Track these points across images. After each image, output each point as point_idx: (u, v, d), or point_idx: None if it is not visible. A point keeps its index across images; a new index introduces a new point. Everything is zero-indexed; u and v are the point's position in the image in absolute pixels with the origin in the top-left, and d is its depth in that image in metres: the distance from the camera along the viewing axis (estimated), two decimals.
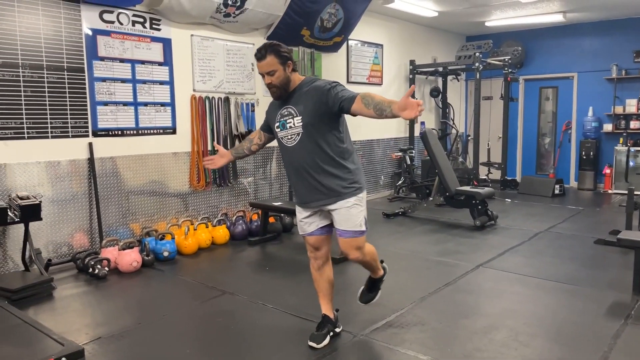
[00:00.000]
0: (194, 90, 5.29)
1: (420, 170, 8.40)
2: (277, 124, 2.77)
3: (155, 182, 5.03)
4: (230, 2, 5.08)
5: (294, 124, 2.68)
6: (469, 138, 9.23)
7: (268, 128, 2.95)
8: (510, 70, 8.07)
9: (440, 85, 8.95)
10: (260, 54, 2.62)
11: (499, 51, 8.54)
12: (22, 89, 4.06)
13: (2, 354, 2.72)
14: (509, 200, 7.60)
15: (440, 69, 8.57)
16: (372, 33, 7.68)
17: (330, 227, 2.89)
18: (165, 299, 3.73)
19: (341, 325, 3.05)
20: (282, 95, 2.70)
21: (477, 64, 7.66)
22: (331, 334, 2.95)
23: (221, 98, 5.52)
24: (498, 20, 8.20)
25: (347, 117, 2.71)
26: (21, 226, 3.95)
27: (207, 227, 5.11)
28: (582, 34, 8.48)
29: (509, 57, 8.13)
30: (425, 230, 5.76)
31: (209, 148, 5.42)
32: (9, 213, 3.76)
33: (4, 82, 3.96)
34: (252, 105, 5.83)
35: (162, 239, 4.67)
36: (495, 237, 5.37)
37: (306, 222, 2.86)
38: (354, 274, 4.28)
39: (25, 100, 4.08)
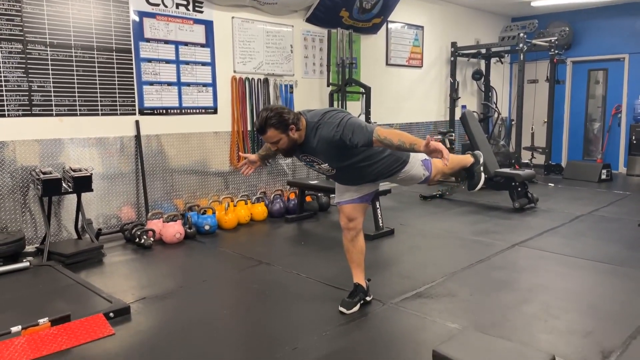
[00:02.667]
0: (235, 71, 5.45)
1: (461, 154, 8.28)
2: (304, 163, 2.87)
3: (197, 160, 5.24)
4: None
5: (322, 168, 2.79)
6: (513, 122, 9.02)
7: None
8: (556, 51, 7.82)
9: (483, 68, 8.78)
10: (261, 129, 2.61)
11: (545, 32, 8.28)
12: (74, 68, 4.32)
13: (58, 308, 2.97)
14: (552, 184, 7.41)
15: (483, 50, 8.39)
16: (413, 14, 7.61)
17: (369, 196, 2.98)
18: (205, 267, 3.92)
19: (372, 294, 3.13)
20: (292, 154, 2.77)
21: (521, 45, 7.46)
22: (362, 302, 3.03)
23: (260, 79, 5.66)
24: (544, 0, 7.94)
25: (384, 99, 2.82)
26: (74, 198, 4.23)
27: (246, 204, 5.29)
28: (634, 14, 8.08)
29: (556, 38, 7.87)
30: (462, 212, 5.73)
31: (249, 128, 5.58)
32: (63, 184, 4.04)
33: (59, 61, 4.23)
34: (291, 86, 5.95)
35: (203, 213, 4.88)
36: (534, 219, 5.29)
37: (346, 190, 2.97)
38: (386, 249, 4.35)
39: (77, 79, 4.34)
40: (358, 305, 2.99)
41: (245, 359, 2.44)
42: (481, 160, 3.28)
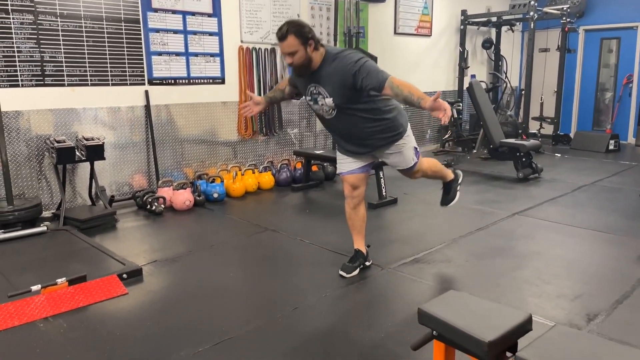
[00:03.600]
0: (242, 41, 5.49)
1: (468, 125, 8.31)
2: (308, 98, 2.85)
3: (206, 130, 5.35)
4: None
5: (325, 103, 2.76)
6: (523, 92, 8.97)
7: (295, 85, 3.00)
8: (568, 19, 7.70)
9: (493, 36, 8.68)
10: (282, 34, 2.62)
11: (557, 0, 8.13)
12: (84, 39, 4.41)
13: (74, 270, 3.15)
14: (559, 155, 7.43)
15: (494, 19, 8.29)
16: None
17: (369, 165, 3.08)
18: (214, 233, 4.09)
19: (372, 259, 3.27)
20: (304, 73, 2.73)
21: (531, 14, 7.36)
22: (361, 266, 3.17)
23: (267, 49, 5.70)
24: None
25: (392, 69, 2.89)
26: (87, 166, 4.39)
27: (253, 173, 5.42)
28: None
29: (568, 6, 7.74)
30: (466, 182, 5.76)
31: None
32: (77, 152, 4.19)
33: (69, 32, 4.32)
34: None
35: (212, 181, 5.02)
36: (536, 189, 5.36)
37: (347, 161, 3.04)
38: (389, 217, 4.48)
39: (87, 49, 4.43)
40: (357, 270, 3.13)
41: (248, 318, 2.61)
42: (460, 180, 3.46)
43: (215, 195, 4.95)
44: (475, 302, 1.86)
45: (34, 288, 2.75)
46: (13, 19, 4.04)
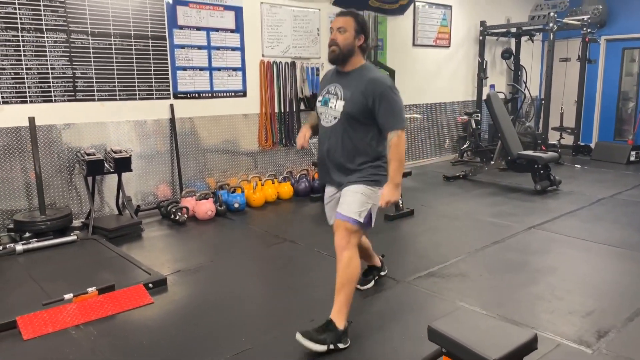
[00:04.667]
0: (263, 55, 5.65)
1: (487, 135, 8.34)
2: (320, 98, 2.72)
3: (227, 141, 5.52)
4: None
5: (334, 106, 2.61)
6: (543, 102, 8.94)
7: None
8: (589, 30, 7.68)
9: (512, 46, 8.69)
10: (343, 12, 2.62)
11: (577, 10, 8.11)
12: (114, 55, 4.61)
13: (102, 278, 3.32)
14: (579, 166, 7.40)
15: (513, 29, 8.30)
16: None
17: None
18: (235, 243, 4.23)
19: (387, 269, 3.34)
20: (338, 60, 2.60)
21: (551, 25, 7.36)
22: (376, 278, 3.27)
23: (288, 63, 5.85)
24: None
25: (410, 80, 2.84)
26: (115, 177, 4.58)
27: (273, 183, 5.56)
28: None
29: (589, 16, 7.72)
30: (484, 193, 5.85)
31: (276, 111, 5.80)
32: (105, 164, 4.38)
33: (99, 49, 4.53)
34: (317, 69, 6.11)
35: (233, 192, 5.18)
36: (554, 202, 5.38)
37: (330, 209, 2.82)
38: (405, 229, 4.56)
39: (116, 65, 4.64)
40: (372, 282, 3.23)
41: (266, 327, 2.73)
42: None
43: (236, 205, 5.10)
44: (483, 320, 1.95)
45: (67, 296, 2.91)
46: (47, 38, 4.26)
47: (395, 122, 2.50)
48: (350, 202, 2.56)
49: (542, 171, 5.83)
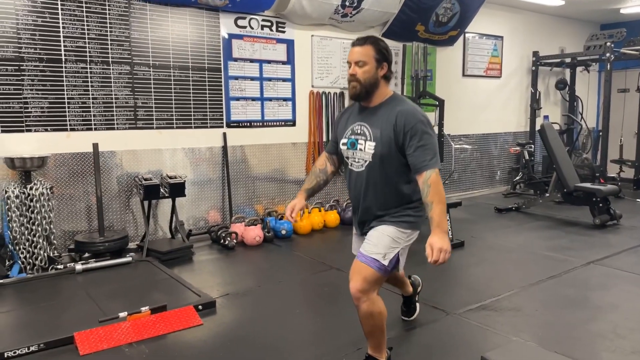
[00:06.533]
0: (312, 86, 5.78)
1: (541, 167, 8.08)
2: (344, 140, 2.39)
3: (276, 169, 5.63)
4: (347, 3, 5.48)
5: (364, 148, 2.31)
6: (600, 133, 8.61)
7: (336, 148, 2.51)
8: None
9: (567, 77, 8.48)
10: (359, 41, 2.31)
11: (635, 40, 7.84)
12: (172, 86, 4.86)
13: (156, 298, 3.42)
14: None
15: (568, 60, 8.12)
16: (492, 24, 7.56)
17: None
18: (282, 269, 4.26)
19: (420, 281, 3.18)
20: (361, 96, 2.32)
21: (608, 55, 7.15)
22: (417, 302, 3.12)
23: (336, 93, 5.95)
24: (636, 7, 7.55)
25: (459, 110, 2.74)
26: (169, 201, 4.75)
27: (320, 211, 5.59)
28: None
29: None
30: (538, 226, 5.64)
31: (324, 140, 5.89)
32: (161, 189, 4.56)
33: (159, 80, 4.78)
34: None
35: (281, 219, 5.24)
36: (614, 237, 5.11)
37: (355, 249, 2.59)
38: (455, 261, 4.45)
39: (174, 95, 4.88)
40: (417, 309, 3.12)
41: (313, 355, 2.71)
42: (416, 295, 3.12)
43: (284, 232, 5.15)
44: (539, 353, 1.86)
45: (121, 315, 3.01)
46: (113, 69, 4.55)
47: (430, 160, 2.19)
48: (377, 242, 2.28)
49: (601, 204, 5.57)
